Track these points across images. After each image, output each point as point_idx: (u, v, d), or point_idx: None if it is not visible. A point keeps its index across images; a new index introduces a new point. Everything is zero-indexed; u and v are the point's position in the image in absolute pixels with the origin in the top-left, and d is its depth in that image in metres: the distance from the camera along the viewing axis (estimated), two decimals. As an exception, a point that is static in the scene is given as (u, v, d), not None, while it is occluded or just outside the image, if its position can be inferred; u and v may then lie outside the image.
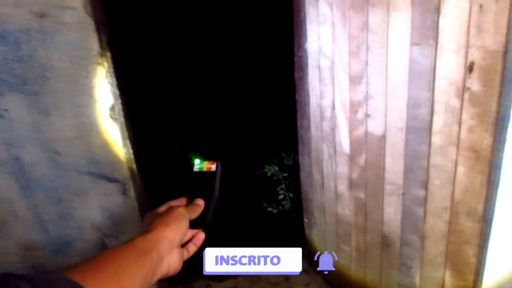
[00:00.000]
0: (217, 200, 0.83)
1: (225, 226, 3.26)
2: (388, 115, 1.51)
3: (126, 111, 1.79)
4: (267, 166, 2.40)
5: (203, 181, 0.82)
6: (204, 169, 0.85)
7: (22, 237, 1.85)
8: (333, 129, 1.86)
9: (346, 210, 1.95)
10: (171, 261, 0.65)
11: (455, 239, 1.50)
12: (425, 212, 1.51)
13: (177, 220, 0.69)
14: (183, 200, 0.79)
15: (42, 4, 1.54)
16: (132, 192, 1.90)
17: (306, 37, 1.90)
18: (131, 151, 1.82)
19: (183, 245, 0.73)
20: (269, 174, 2.41)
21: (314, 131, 2.03)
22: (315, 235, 2.37)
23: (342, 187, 1.92)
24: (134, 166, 1.85)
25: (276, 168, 2.41)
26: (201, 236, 0.78)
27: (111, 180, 1.85)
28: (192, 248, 0.76)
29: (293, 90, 2.21)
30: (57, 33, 1.59)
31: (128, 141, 1.80)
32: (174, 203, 0.77)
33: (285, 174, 2.51)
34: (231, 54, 5.18)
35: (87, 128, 1.74)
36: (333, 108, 1.81)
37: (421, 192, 1.49)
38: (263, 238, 3.02)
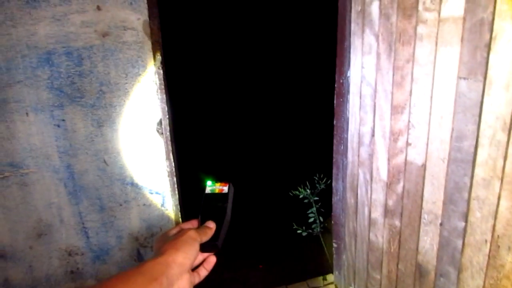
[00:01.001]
0: (229, 223, 0.81)
1: (255, 245, 3.29)
2: (430, 145, 1.53)
3: (172, 126, 1.87)
4: (300, 189, 2.43)
5: (215, 203, 0.81)
6: (216, 191, 0.83)
7: (64, 242, 1.92)
8: (371, 155, 1.89)
9: (379, 237, 1.95)
10: (181, 286, 0.63)
11: (494, 274, 1.48)
12: (463, 244, 1.51)
13: (187, 243, 0.67)
14: (194, 223, 0.77)
15: (106, 24, 1.66)
16: (170, 205, 1.96)
17: (349, 65, 1.96)
18: (173, 164, 1.90)
19: (194, 269, 0.72)
20: (301, 197, 2.44)
21: (350, 156, 2.07)
22: (344, 261, 2.36)
23: (377, 214, 1.93)
24: (174, 179, 1.92)
25: (308, 191, 2.44)
26: (212, 259, 0.76)
27: (151, 191, 1.93)
28: (203, 272, 0.74)
29: (329, 116, 2.27)
30: (117, 51, 1.70)
31: (171, 155, 1.88)
32: (185, 225, 0.75)
33: (316, 198, 2.54)
34: (274, 77, 5.31)
35: (135, 140, 1.83)
36: (373, 135, 1.85)
37: (461, 224, 1.49)
38: (291, 260, 3.02)
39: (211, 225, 0.75)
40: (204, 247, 0.72)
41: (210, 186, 0.84)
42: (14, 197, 1.81)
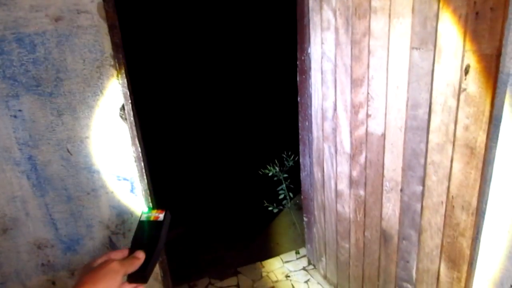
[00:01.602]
0: (160, 252, 0.79)
1: (228, 225, 3.34)
2: (388, 115, 1.60)
3: (135, 111, 1.85)
4: (268, 167, 2.47)
5: (148, 231, 0.78)
6: (151, 218, 0.80)
7: (33, 235, 1.88)
8: (335, 129, 1.95)
9: (346, 207, 2.03)
10: None
11: (450, 232, 1.59)
12: (422, 207, 1.60)
13: (107, 276, 0.65)
14: (125, 252, 0.74)
15: (58, 8, 1.60)
16: (139, 190, 1.96)
17: (309, 42, 1.99)
18: (139, 150, 1.88)
19: None
20: (270, 175, 2.49)
21: (315, 131, 2.12)
22: (315, 234, 2.44)
23: (343, 185, 2.01)
24: (142, 164, 1.91)
25: (277, 169, 2.49)
26: None
27: (119, 178, 1.91)
28: None
29: (293, 93, 2.31)
30: (72, 36, 1.65)
31: (136, 140, 1.86)
32: (114, 255, 0.72)
33: (285, 175, 2.59)
34: (236, 57, 5.29)
35: (98, 127, 1.79)
36: (335, 109, 1.90)
37: (419, 188, 1.58)
38: (265, 237, 3.09)
39: (140, 255, 0.73)
40: (131, 278, 0.71)
41: (146, 213, 0.81)
42: (-26, 193, 1.75)
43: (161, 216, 0.80)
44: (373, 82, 1.63)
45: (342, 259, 2.20)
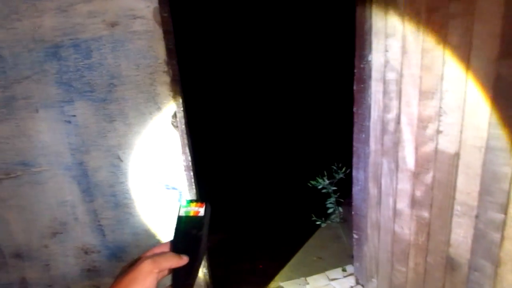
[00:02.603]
0: (203, 254, 0.71)
1: (270, 234, 3.24)
2: (464, 133, 1.43)
3: (187, 119, 1.79)
4: (318, 179, 2.35)
5: (189, 229, 0.70)
6: (191, 214, 0.72)
7: (80, 240, 1.88)
8: (396, 144, 1.79)
9: (405, 228, 1.87)
10: None
11: (534, 268, 1.40)
12: (502, 237, 1.42)
13: (137, 280, 0.60)
14: (166, 246, 0.69)
15: (114, 13, 1.57)
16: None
17: (370, 49, 1.85)
18: (189, 158, 1.82)
19: None
20: (319, 187, 2.36)
21: (373, 145, 1.97)
22: (365, 252, 2.29)
23: (403, 205, 1.85)
24: (191, 174, 1.85)
25: (327, 181, 2.36)
26: None
27: (168, 187, 1.86)
28: None
29: (347, 102, 2.17)
30: (127, 42, 1.61)
31: (187, 149, 1.80)
32: (157, 249, 0.68)
33: (334, 188, 2.45)
34: (289, 61, 5.16)
35: (149, 134, 1.75)
36: (398, 122, 1.75)
37: (499, 216, 1.40)
38: (310, 250, 2.96)
39: (184, 257, 0.66)
40: (175, 285, 0.64)
41: (184, 207, 0.73)
42: (27, 196, 1.76)
43: (201, 210, 0.71)
44: (446, 95, 1.47)
45: (397, 283, 2.03)
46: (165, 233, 1.95)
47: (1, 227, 1.78)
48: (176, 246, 0.68)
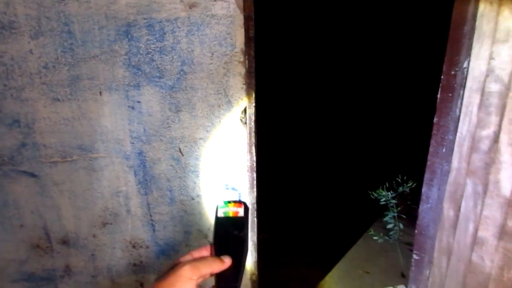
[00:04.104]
0: (247, 255, 0.68)
1: (314, 239, 3.08)
2: None
3: (256, 117, 1.64)
4: (380, 191, 2.16)
5: (230, 230, 0.68)
6: (230, 214, 0.70)
7: (130, 233, 1.77)
8: (489, 165, 1.58)
9: (487, 260, 1.66)
10: None
11: None
12: None
13: (175, 287, 0.56)
14: (206, 250, 0.66)
15: (194, -7, 1.42)
16: (246, 203, 1.75)
17: (468, 54, 1.64)
18: (254, 159, 1.67)
19: None
20: (382, 201, 2.17)
21: (456, 162, 1.77)
22: (427, 276, 2.09)
23: (487, 233, 1.64)
24: (254, 175, 1.70)
25: (389, 194, 2.16)
26: None
27: (227, 187, 1.72)
28: None
29: (423, 111, 1.96)
30: (204, 26, 1.47)
31: (253, 148, 1.66)
32: (196, 253, 0.65)
33: (395, 201, 2.26)
34: (363, 62, 4.86)
35: (215, 129, 1.61)
36: (496, 141, 1.54)
37: None
38: (351, 259, 2.79)
39: (226, 259, 0.63)
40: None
41: (223, 208, 0.71)
42: (81, 182, 1.66)
43: (240, 211, 0.70)
44: None
45: (464, 316, 1.84)
46: (218, 234, 1.82)
47: (52, 212, 1.69)
48: (218, 248, 0.66)
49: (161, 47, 1.48)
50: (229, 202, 0.72)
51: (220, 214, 0.70)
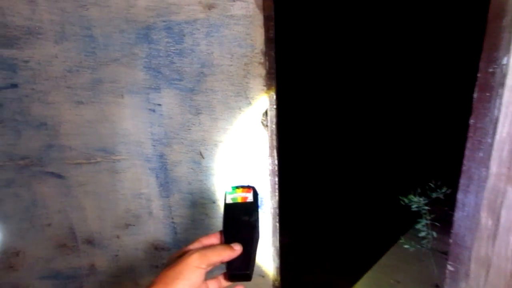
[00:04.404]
0: (258, 242, 0.65)
1: (341, 244, 2.98)
2: None
3: (278, 118, 1.59)
4: (411, 196, 2.04)
5: (239, 216, 0.66)
6: (239, 200, 0.68)
7: (152, 235, 1.78)
8: (532, 171, 1.45)
9: (529, 274, 1.52)
10: None
11: None
12: None
13: (183, 274, 0.54)
14: (215, 237, 0.64)
15: (213, -6, 1.40)
16: (268, 207, 1.71)
17: (508, 50, 1.51)
18: (275, 162, 1.63)
19: None
20: (413, 207, 2.05)
21: (494, 167, 1.63)
22: (462, 288, 1.95)
23: (530, 246, 1.50)
24: (276, 179, 1.66)
25: (422, 201, 2.04)
26: None
27: (248, 191, 1.69)
28: None
29: (457, 111, 1.83)
30: (223, 27, 1.44)
31: (275, 152, 1.61)
32: (205, 240, 0.64)
33: (428, 208, 2.13)
34: (391, 59, 4.66)
35: (236, 132, 1.58)
36: (540, 145, 1.40)
37: None
38: (380, 266, 2.67)
39: (236, 247, 0.62)
40: (233, 277, 0.60)
41: (231, 194, 0.69)
42: (104, 184, 1.68)
43: (249, 196, 0.68)
44: None
45: (504, 334, 1.69)
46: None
47: (77, 212, 1.73)
48: (228, 235, 0.64)
49: (180, 50, 1.47)
50: (237, 187, 0.70)
51: (229, 201, 0.68)
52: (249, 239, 0.63)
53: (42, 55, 1.47)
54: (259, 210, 0.67)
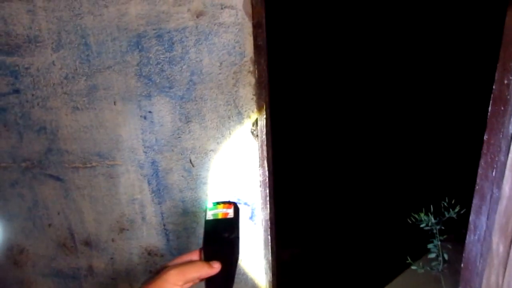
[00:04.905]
0: (238, 260, 0.64)
1: (350, 258, 2.86)
2: None
3: (269, 128, 1.55)
4: (422, 215, 1.91)
5: (219, 233, 0.64)
6: (220, 216, 0.66)
7: (145, 240, 1.79)
8: (546, 195, 1.29)
9: (542, 310, 1.36)
10: None
11: None
12: None
13: None
14: (196, 254, 0.63)
15: (201, 2, 1.38)
16: (259, 219, 1.66)
17: (523, 60, 1.36)
18: (267, 173, 1.58)
19: None
20: (422, 226, 1.92)
21: (507, 188, 1.48)
22: (473, 317, 1.79)
23: (543, 278, 1.34)
24: (267, 191, 1.61)
25: (433, 220, 1.90)
26: None
27: (239, 201, 1.65)
28: None
29: (470, 126, 1.68)
30: (212, 35, 1.42)
31: (265, 162, 1.56)
32: (186, 257, 0.63)
33: (438, 227, 1.98)
34: (395, 66, 4.45)
35: (226, 141, 1.55)
36: (554, 167, 1.25)
37: None
38: (390, 286, 2.53)
39: (215, 265, 0.60)
40: None
41: (212, 210, 0.67)
42: (100, 188, 1.71)
43: (230, 212, 0.66)
44: None
45: None
46: (232, 249, 1.75)
47: (75, 214, 1.77)
48: (207, 252, 0.63)
49: (170, 57, 1.47)
50: (218, 203, 0.69)
51: (209, 217, 0.67)
52: (229, 257, 0.62)
53: (41, 62, 1.52)
54: (251, 223, 0.68)
